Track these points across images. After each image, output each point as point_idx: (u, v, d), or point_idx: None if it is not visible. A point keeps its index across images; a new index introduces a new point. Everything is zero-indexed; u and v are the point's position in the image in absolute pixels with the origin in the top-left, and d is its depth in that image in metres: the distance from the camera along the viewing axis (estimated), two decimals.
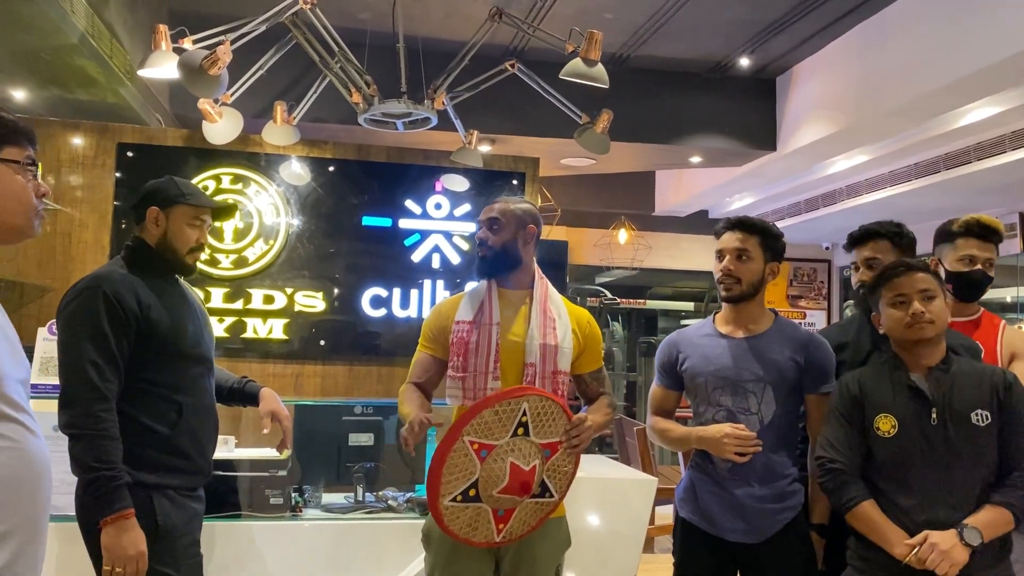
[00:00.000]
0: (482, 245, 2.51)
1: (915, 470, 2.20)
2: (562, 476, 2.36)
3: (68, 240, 4.72)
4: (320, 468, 3.22)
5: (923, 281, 2.26)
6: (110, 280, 2.27)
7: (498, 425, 2.20)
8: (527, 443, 2.25)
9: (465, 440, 2.17)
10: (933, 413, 2.20)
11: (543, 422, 2.27)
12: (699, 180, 7.51)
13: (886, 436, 2.23)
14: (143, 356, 2.27)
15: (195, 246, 2.43)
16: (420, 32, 5.00)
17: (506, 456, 2.21)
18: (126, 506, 2.13)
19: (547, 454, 2.29)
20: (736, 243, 2.57)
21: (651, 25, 5.17)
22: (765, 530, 2.48)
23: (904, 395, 2.25)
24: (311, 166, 4.97)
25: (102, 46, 3.81)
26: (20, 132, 1.67)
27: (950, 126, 5.10)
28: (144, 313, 2.27)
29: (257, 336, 4.84)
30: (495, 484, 2.21)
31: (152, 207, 2.39)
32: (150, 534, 2.20)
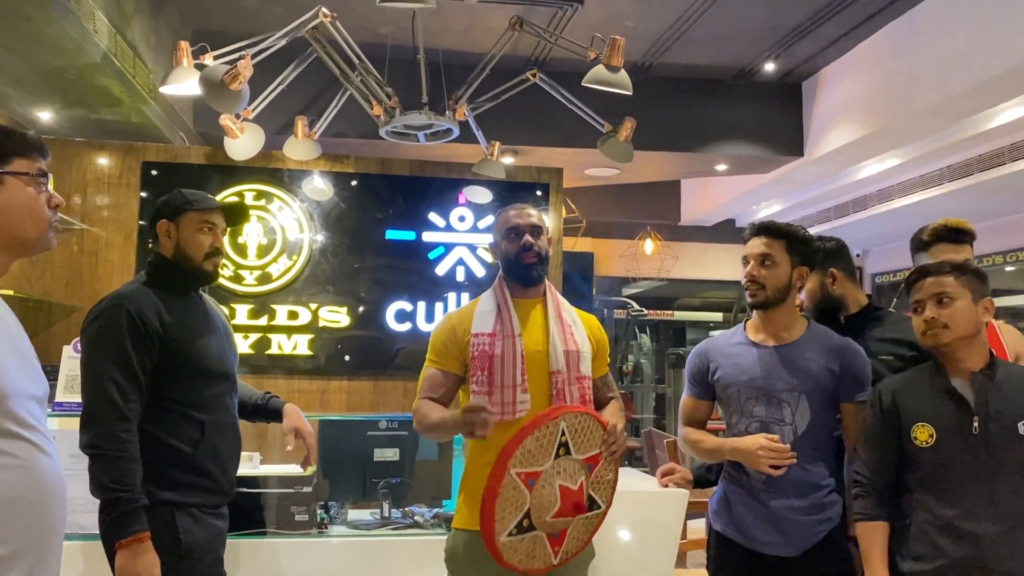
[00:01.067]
0: (529, 251, 2.45)
1: (956, 481, 2.12)
2: (606, 486, 2.34)
3: (95, 259, 4.75)
4: (346, 484, 3.18)
5: (935, 285, 2.18)
6: (133, 298, 2.25)
7: (541, 451, 2.17)
8: (570, 462, 2.22)
9: (512, 473, 2.14)
10: (975, 421, 2.11)
11: (582, 437, 2.24)
12: (725, 188, 7.43)
13: (924, 446, 2.15)
14: (165, 374, 2.25)
15: (210, 251, 2.40)
16: (440, 44, 5.00)
17: (553, 480, 2.19)
18: (141, 529, 2.10)
19: (590, 468, 2.27)
20: (760, 248, 2.52)
21: (673, 33, 5.12)
22: (802, 543, 2.42)
23: (943, 402, 2.17)
24: (334, 181, 4.97)
25: (125, 65, 3.83)
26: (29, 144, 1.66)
27: (983, 127, 4.99)
28: (166, 331, 2.25)
29: (282, 352, 4.83)
30: (548, 509, 2.19)
31: (162, 220, 2.39)
32: (172, 552, 2.18)
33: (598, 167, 6.34)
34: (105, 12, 3.61)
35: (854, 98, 5.42)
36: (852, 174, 6.33)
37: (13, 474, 1.52)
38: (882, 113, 5.10)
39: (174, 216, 2.38)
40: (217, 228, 2.43)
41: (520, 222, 2.47)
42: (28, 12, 3.05)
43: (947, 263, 2.21)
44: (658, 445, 5.64)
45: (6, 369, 1.52)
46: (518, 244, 2.45)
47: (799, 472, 2.43)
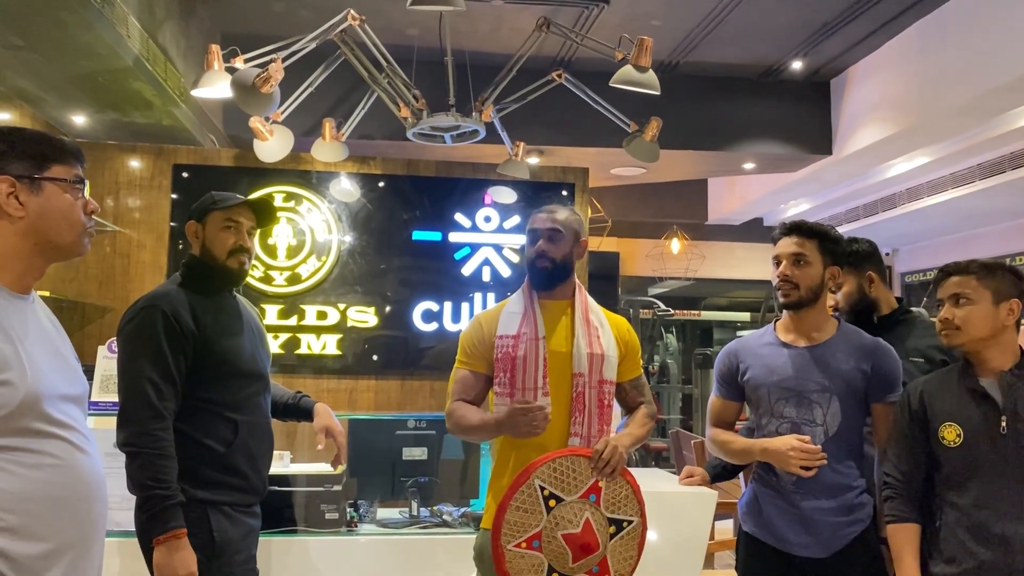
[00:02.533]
0: (542, 257, 2.44)
1: (984, 482, 2.10)
2: (625, 499, 2.33)
3: (127, 261, 4.82)
4: (375, 483, 3.20)
5: (955, 285, 2.16)
6: (168, 299, 2.29)
7: (527, 516, 2.21)
8: (567, 507, 2.23)
9: (510, 548, 2.19)
10: (1003, 421, 2.09)
11: (568, 478, 2.25)
12: (753, 187, 7.38)
13: (952, 446, 2.14)
14: (199, 374, 2.28)
15: (234, 248, 2.40)
16: (467, 46, 5.01)
17: (555, 533, 2.21)
18: (179, 525, 2.13)
19: (593, 499, 2.27)
20: (793, 247, 2.51)
21: (700, 31, 5.10)
22: (833, 544, 2.41)
23: (970, 401, 2.14)
24: (361, 182, 5.01)
25: (156, 69, 3.88)
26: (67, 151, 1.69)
27: (1015, 124, 4.92)
28: (201, 331, 2.28)
29: (311, 352, 4.88)
30: (565, 560, 2.21)
31: (190, 222, 2.44)
32: (206, 550, 2.21)
33: (624, 167, 6.33)
34: (137, 17, 3.67)
35: (883, 96, 5.37)
36: (881, 172, 6.27)
37: (51, 473, 1.55)
38: (911, 111, 5.05)
39: (201, 217, 2.42)
40: (242, 226, 2.43)
41: (539, 226, 2.46)
42: (63, 18, 3.10)
43: (975, 262, 2.18)
44: (685, 446, 5.62)
45: (40, 372, 1.55)
46: (534, 249, 2.46)
47: (830, 473, 2.41)
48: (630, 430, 2.48)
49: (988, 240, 7.11)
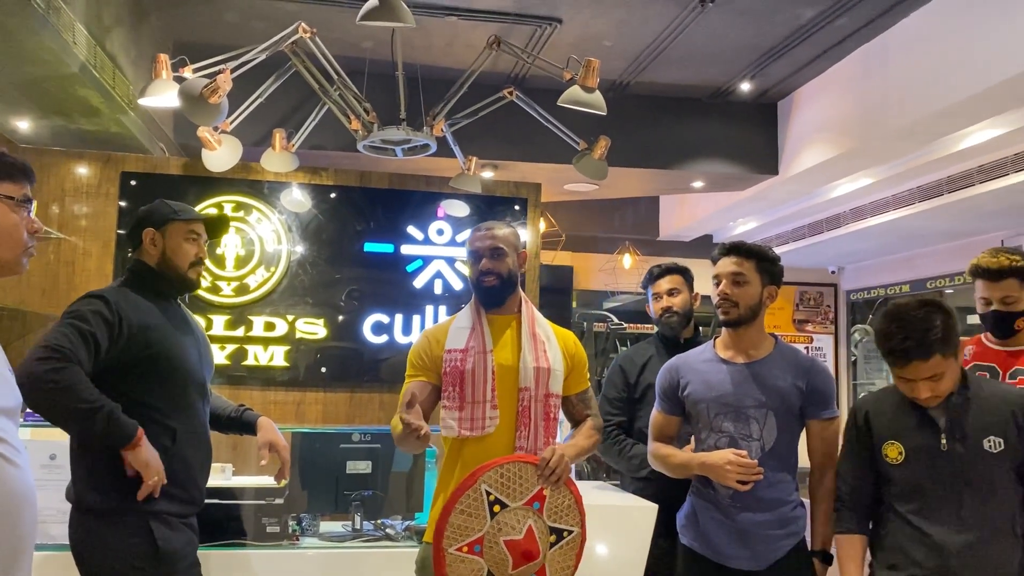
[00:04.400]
0: (488, 274, 2.48)
1: (926, 495, 2.18)
2: (567, 509, 2.35)
3: (71, 269, 4.74)
4: (318, 496, 3.19)
5: (930, 369, 2.14)
6: (115, 293, 2.30)
7: (472, 520, 2.22)
8: (510, 513, 2.25)
9: (451, 552, 2.20)
10: (943, 439, 2.17)
11: (514, 485, 2.27)
12: (702, 205, 7.50)
13: (894, 463, 2.22)
14: (141, 377, 2.27)
15: (195, 260, 2.46)
16: (423, 60, 5.04)
17: (497, 538, 2.23)
18: (135, 425, 2.16)
19: (537, 506, 2.29)
20: (732, 267, 2.59)
21: (651, 52, 5.19)
22: (768, 556, 2.48)
23: (912, 420, 2.22)
24: (312, 193, 5.00)
25: (104, 76, 3.84)
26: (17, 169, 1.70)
27: (952, 149, 5.08)
28: (143, 329, 2.27)
29: (258, 364, 4.84)
30: (505, 567, 2.23)
31: (147, 229, 2.43)
32: (150, 559, 2.18)
33: (577, 183, 6.39)
34: (85, 23, 3.63)
35: (827, 118, 5.51)
36: (826, 193, 6.41)
37: None
38: (854, 134, 5.19)
39: (160, 225, 2.43)
40: (200, 239, 2.49)
41: (479, 245, 2.50)
42: (6, 23, 3.06)
43: (931, 340, 2.11)
44: None
45: None
46: (478, 268, 2.50)
47: (766, 487, 2.48)
48: (576, 441, 2.52)
49: (931, 260, 7.31)
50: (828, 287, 8.80)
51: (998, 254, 2.71)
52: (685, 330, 3.29)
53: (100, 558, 2.19)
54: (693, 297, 3.32)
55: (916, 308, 2.16)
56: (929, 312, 2.14)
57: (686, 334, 3.30)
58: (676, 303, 3.25)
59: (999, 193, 5.19)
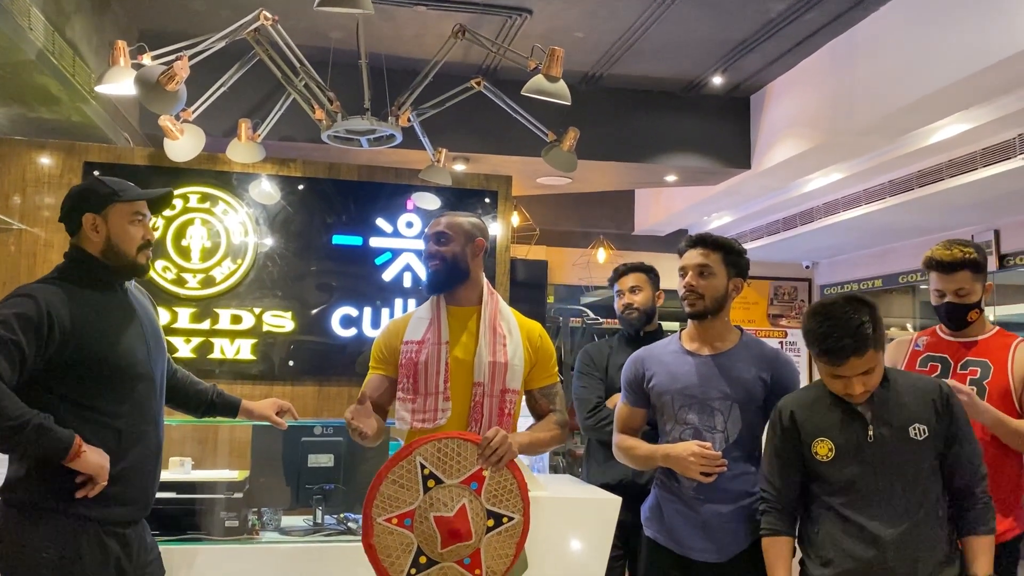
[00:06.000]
0: (432, 258, 2.48)
1: (860, 489, 2.19)
2: (507, 494, 2.31)
3: (33, 260, 4.66)
4: (279, 490, 3.15)
5: (863, 365, 2.16)
6: (46, 290, 2.15)
7: (403, 491, 2.19)
8: (445, 490, 2.22)
9: (380, 521, 2.17)
10: (870, 431, 2.19)
11: (451, 461, 2.24)
12: (677, 199, 7.50)
13: (825, 460, 2.23)
14: (80, 379, 2.13)
15: (143, 243, 2.28)
16: (391, 51, 4.99)
17: (427, 513, 2.20)
18: (68, 435, 2.05)
19: (474, 487, 2.26)
20: (699, 259, 2.58)
21: (622, 44, 5.17)
22: (730, 549, 2.47)
23: (839, 416, 2.24)
24: (280, 184, 4.94)
25: (63, 63, 3.77)
26: None
27: (922, 143, 5.10)
28: (77, 330, 2.13)
29: (225, 357, 4.78)
30: (433, 543, 2.20)
31: (87, 214, 2.23)
32: (57, 570, 2.06)
33: (549, 176, 6.36)
34: (42, 9, 3.55)
35: (798, 113, 5.51)
36: (799, 187, 6.43)
37: None
38: (824, 128, 5.20)
39: (100, 208, 2.23)
40: (146, 218, 2.31)
41: (428, 232, 2.52)
42: None
43: (863, 335, 2.12)
44: None
45: None
46: (425, 253, 2.52)
47: (729, 479, 2.47)
48: (532, 431, 2.50)
49: (903, 255, 7.35)
50: (802, 282, 8.84)
51: (952, 247, 2.71)
52: (647, 326, 3.37)
53: (15, 555, 2.08)
54: (657, 295, 3.36)
55: (844, 305, 2.17)
56: (857, 308, 2.16)
57: (648, 329, 3.37)
58: (637, 300, 3.34)
59: (969, 188, 5.22)
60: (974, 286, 2.66)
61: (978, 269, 2.66)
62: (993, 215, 6.08)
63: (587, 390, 3.31)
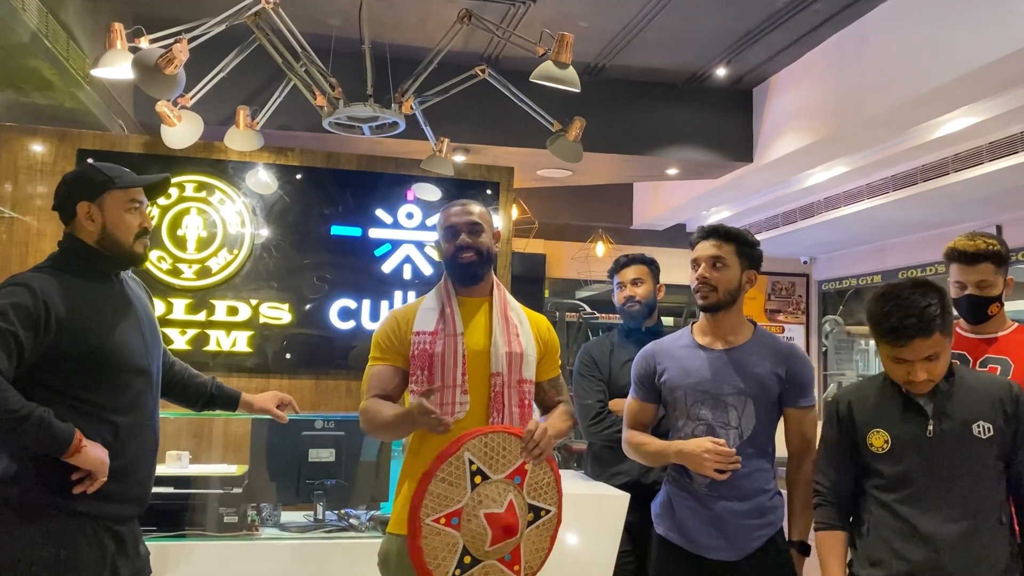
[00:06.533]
0: (467, 250, 2.37)
1: (914, 484, 2.10)
2: (546, 488, 2.27)
3: (25, 249, 4.57)
4: (279, 485, 3.08)
5: (927, 348, 2.05)
6: (42, 279, 2.07)
7: (452, 489, 2.11)
8: (491, 486, 2.15)
9: (428, 523, 2.07)
10: (930, 425, 2.09)
11: (497, 456, 2.18)
12: (676, 193, 7.45)
13: (880, 452, 2.14)
14: (76, 372, 2.07)
15: (140, 231, 2.20)
16: (392, 38, 4.90)
17: (477, 511, 2.12)
18: (69, 429, 1.99)
19: (518, 481, 2.20)
20: (711, 250, 2.53)
21: (626, 34, 5.10)
22: (744, 547, 2.42)
23: (898, 407, 2.15)
24: (278, 174, 4.86)
25: (57, 47, 3.67)
26: None
27: (927, 137, 5.05)
28: (76, 324, 2.06)
29: (221, 349, 4.71)
30: (482, 542, 2.12)
31: (81, 202, 2.16)
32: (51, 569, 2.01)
33: (550, 168, 6.30)
34: None
35: (803, 106, 5.46)
36: (800, 181, 6.37)
37: None
38: (829, 121, 5.14)
39: (96, 196, 2.16)
40: (143, 206, 2.23)
41: (457, 220, 2.40)
42: None
43: (929, 316, 2.02)
44: None
45: None
46: (454, 244, 2.39)
47: (743, 476, 2.42)
48: (553, 422, 2.44)
49: (901, 251, 7.32)
50: (800, 277, 8.81)
51: (975, 237, 2.67)
52: (648, 320, 3.28)
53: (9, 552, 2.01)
54: (657, 288, 3.27)
55: (911, 288, 2.09)
56: (926, 291, 2.08)
57: (648, 323, 3.28)
58: (639, 293, 3.25)
59: (974, 182, 5.18)
60: (996, 279, 2.61)
61: (1001, 262, 2.61)
62: (995, 210, 6.04)
63: (589, 394, 3.21)
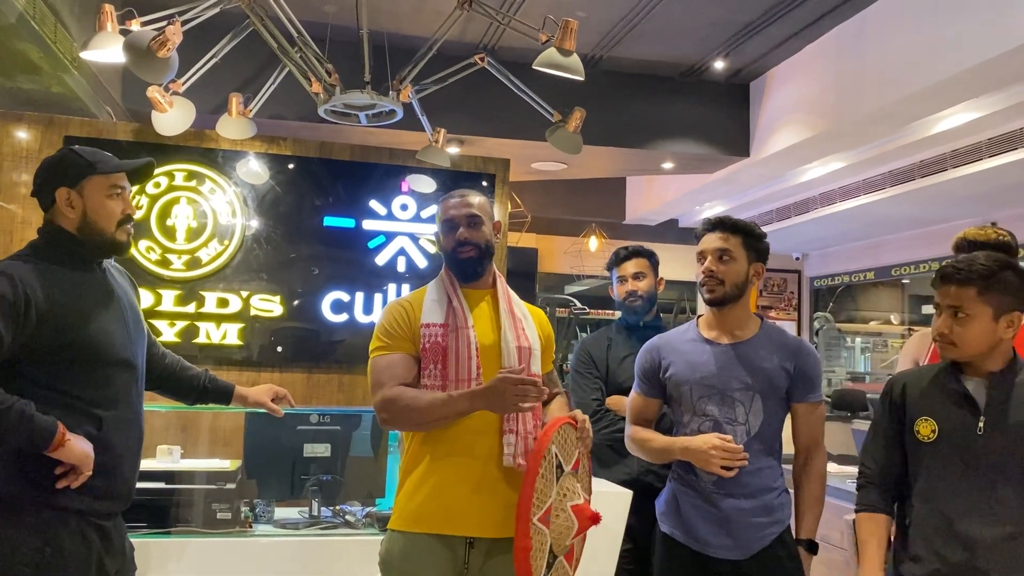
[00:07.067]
0: (466, 245, 2.30)
1: (955, 480, 2.04)
2: (589, 476, 2.29)
3: (9, 238, 4.47)
4: (273, 481, 3.02)
5: (954, 297, 2.03)
6: (22, 268, 2.00)
7: (547, 485, 2.05)
8: (567, 477, 2.13)
9: (535, 523, 2.00)
10: (980, 422, 2.03)
11: (567, 448, 2.16)
12: (670, 188, 7.40)
13: (926, 441, 2.08)
14: (57, 364, 2.00)
15: (123, 218, 2.13)
16: (388, 27, 4.82)
17: (564, 504, 2.08)
18: (55, 422, 1.93)
19: (576, 473, 2.20)
20: (718, 243, 2.48)
21: (624, 25, 5.04)
22: (752, 545, 2.38)
23: (950, 398, 2.08)
24: (270, 163, 4.77)
25: (45, 30, 3.57)
26: None
27: (926, 133, 5.02)
28: (55, 311, 1.99)
29: (210, 342, 4.62)
30: (567, 534, 2.09)
31: (60, 188, 2.08)
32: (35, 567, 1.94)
33: (545, 161, 6.23)
34: None
35: (801, 100, 5.42)
36: (796, 176, 6.34)
37: None
38: (828, 115, 5.10)
39: (76, 182, 2.08)
40: (125, 191, 2.15)
41: (455, 213, 2.32)
42: None
43: (977, 265, 2.02)
44: None
45: None
46: (453, 238, 2.32)
47: (751, 473, 2.38)
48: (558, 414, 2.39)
49: (894, 247, 7.31)
50: (792, 273, 8.79)
51: (986, 228, 2.69)
52: (647, 314, 3.21)
53: None
54: (658, 282, 3.20)
55: (992, 252, 2.11)
56: (996, 257, 2.06)
57: (647, 318, 3.22)
58: (641, 287, 3.18)
59: (972, 178, 5.16)
60: None
61: (1011, 253, 2.58)
62: (989, 207, 6.02)
63: (586, 392, 3.15)
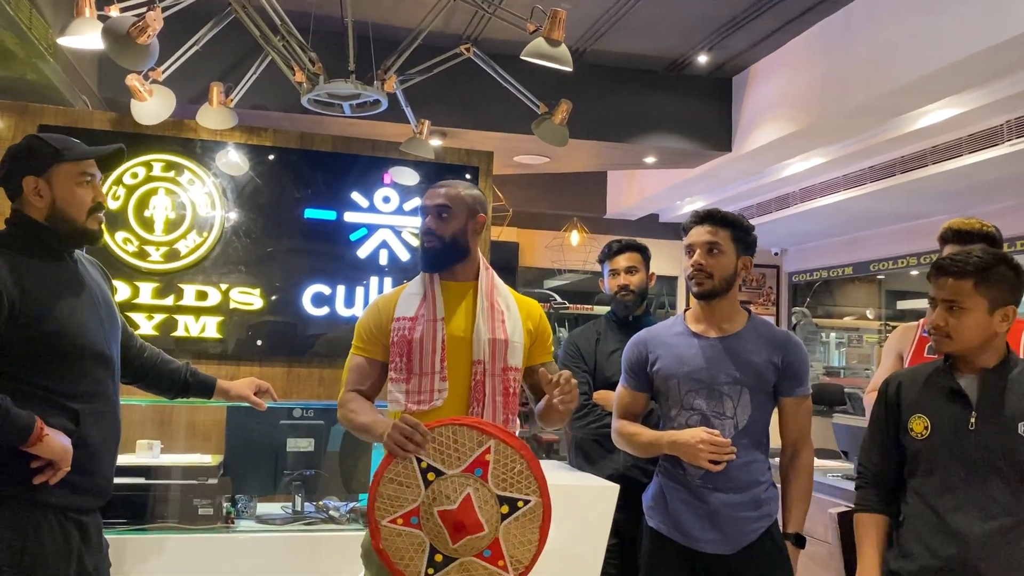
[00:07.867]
0: (429, 235, 2.29)
1: (947, 476, 2.04)
2: (519, 477, 2.14)
3: None
4: (255, 476, 2.98)
5: (949, 290, 2.04)
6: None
7: (403, 489, 2.05)
8: (447, 481, 2.07)
9: (384, 524, 2.03)
10: (972, 418, 2.03)
11: (450, 450, 2.08)
12: (650, 182, 7.40)
13: (919, 437, 2.09)
14: (31, 358, 1.96)
15: (93, 206, 2.08)
16: (371, 17, 4.77)
17: (431, 509, 2.05)
18: (32, 417, 1.88)
19: (479, 473, 2.08)
20: (707, 236, 2.46)
21: (609, 18, 5.02)
22: (740, 540, 2.37)
23: (943, 395, 2.09)
24: (250, 154, 4.71)
25: (20, 15, 3.49)
26: None
27: (907, 128, 5.05)
28: (28, 302, 1.94)
29: (189, 335, 4.55)
30: (444, 540, 2.05)
31: (28, 177, 2.03)
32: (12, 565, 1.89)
33: (527, 155, 6.21)
34: None
35: (783, 95, 5.43)
36: (777, 172, 6.36)
37: None
38: (811, 110, 5.12)
39: (43, 170, 2.03)
40: (95, 179, 2.10)
41: (427, 203, 2.32)
42: None
43: (974, 258, 2.03)
44: None
45: None
46: (423, 227, 2.32)
47: (738, 467, 2.37)
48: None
49: (872, 243, 7.36)
50: (771, 268, 8.83)
51: (970, 219, 2.71)
52: (637, 309, 3.21)
53: None
54: (649, 276, 3.19)
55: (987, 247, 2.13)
56: (993, 252, 2.06)
57: (637, 312, 3.21)
58: (633, 282, 3.15)
59: (952, 174, 5.20)
60: None
61: (995, 244, 2.60)
62: (969, 203, 6.07)
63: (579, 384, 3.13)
